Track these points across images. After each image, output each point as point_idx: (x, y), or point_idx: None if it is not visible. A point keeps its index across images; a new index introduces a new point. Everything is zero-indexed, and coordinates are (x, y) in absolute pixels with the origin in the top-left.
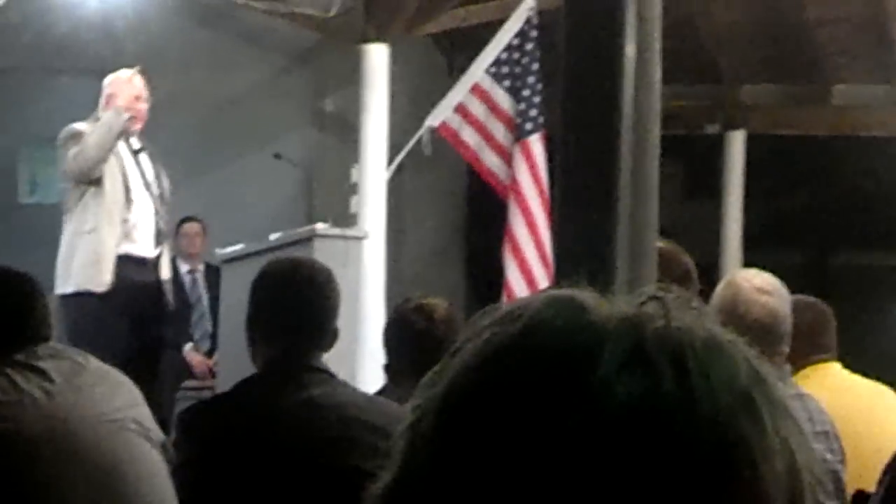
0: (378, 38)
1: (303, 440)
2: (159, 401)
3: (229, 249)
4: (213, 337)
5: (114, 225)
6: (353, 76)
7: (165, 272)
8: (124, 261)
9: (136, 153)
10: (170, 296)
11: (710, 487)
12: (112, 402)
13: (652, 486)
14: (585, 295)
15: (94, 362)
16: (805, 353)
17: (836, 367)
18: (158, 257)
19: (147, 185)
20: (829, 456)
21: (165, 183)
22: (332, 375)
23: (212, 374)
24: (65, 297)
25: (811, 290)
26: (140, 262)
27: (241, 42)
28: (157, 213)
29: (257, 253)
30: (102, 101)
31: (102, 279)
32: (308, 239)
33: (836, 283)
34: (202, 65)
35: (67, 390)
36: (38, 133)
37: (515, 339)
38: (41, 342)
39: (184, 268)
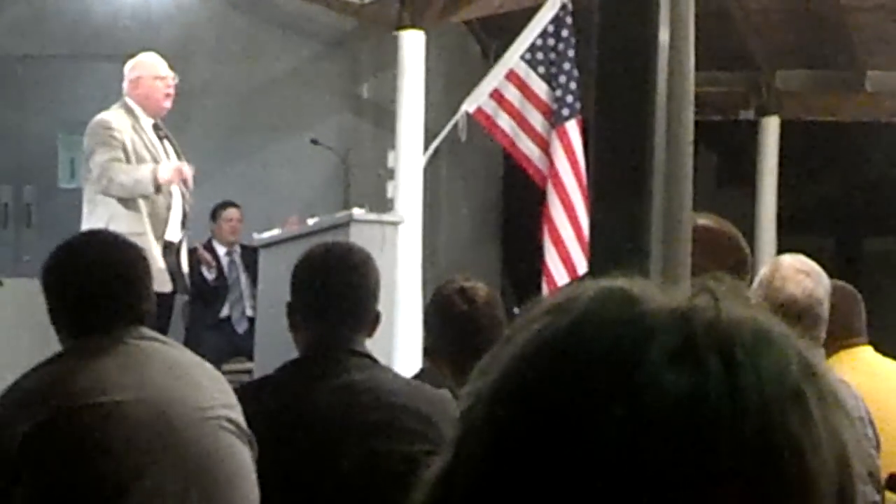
0: (413, 25)
1: (344, 424)
2: None
3: (267, 234)
4: (251, 319)
5: (159, 222)
6: (389, 62)
7: (184, 255)
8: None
9: (161, 138)
10: (186, 279)
11: (757, 481)
12: (211, 398)
13: (698, 479)
14: (636, 286)
15: (193, 355)
16: (837, 336)
17: (868, 351)
18: (181, 241)
19: None
20: (862, 438)
21: (188, 169)
22: (374, 360)
23: (250, 355)
24: None
25: (845, 275)
26: (170, 245)
27: (277, 28)
28: (183, 197)
29: (295, 238)
30: (126, 84)
31: (166, 283)
32: (345, 224)
33: (869, 267)
34: (238, 51)
35: (171, 379)
36: (76, 119)
37: (566, 331)
38: (144, 321)
39: (221, 250)
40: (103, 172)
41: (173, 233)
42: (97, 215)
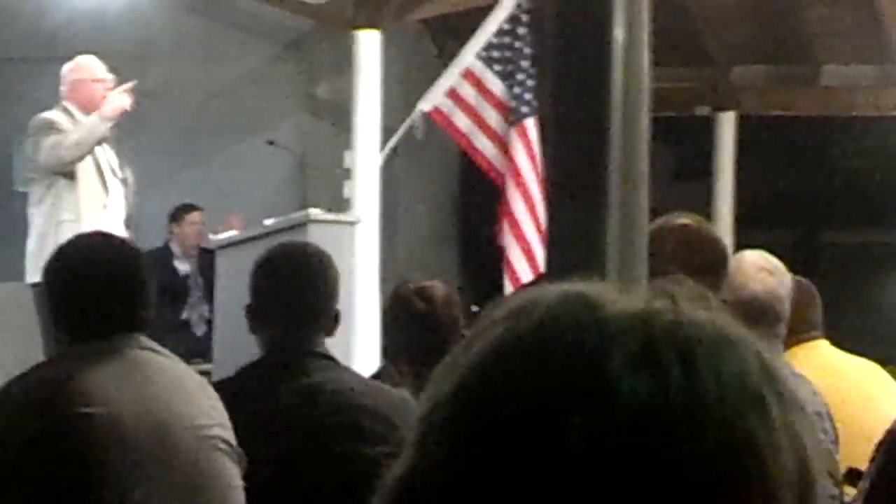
0: (369, 25)
1: (306, 426)
2: None
3: (223, 235)
4: (209, 321)
5: (96, 214)
6: (345, 62)
7: None
8: None
9: (99, 142)
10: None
11: (717, 486)
12: (207, 416)
13: (659, 484)
14: (595, 289)
15: (189, 369)
16: (794, 330)
17: (824, 345)
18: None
19: (114, 172)
20: (821, 436)
21: (128, 169)
22: (334, 361)
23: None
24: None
25: (802, 269)
26: None
27: (233, 30)
28: (125, 198)
29: (252, 239)
30: (65, 88)
31: None
32: (302, 224)
33: (826, 260)
34: (194, 53)
35: (169, 394)
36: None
37: (526, 337)
38: (144, 330)
39: (178, 252)
40: (54, 148)
41: (119, 233)
42: (44, 204)
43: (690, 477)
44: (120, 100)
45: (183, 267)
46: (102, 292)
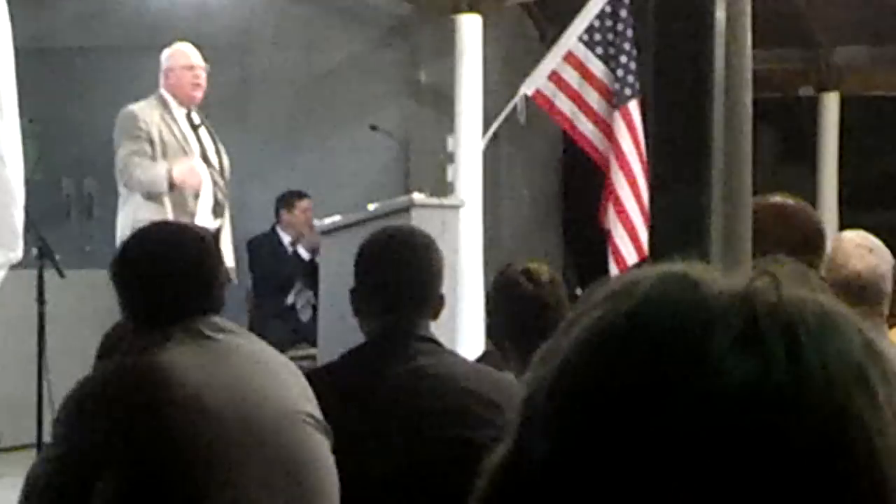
0: (471, 9)
1: (410, 410)
2: None
3: (328, 221)
4: (315, 306)
5: (185, 205)
6: (446, 47)
7: (226, 244)
8: None
9: (195, 127)
10: (228, 267)
11: (825, 465)
12: (293, 394)
13: (766, 464)
14: (697, 270)
15: (271, 349)
16: None
17: None
18: (219, 230)
19: (207, 159)
20: None
21: (225, 158)
22: (439, 345)
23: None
24: None
25: None
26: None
27: (335, 16)
28: (215, 185)
29: (356, 224)
30: (161, 75)
31: None
32: (405, 209)
33: None
34: (297, 40)
35: (253, 375)
36: None
37: (628, 316)
38: (217, 312)
39: (286, 239)
40: (124, 167)
41: (203, 221)
42: (127, 205)
43: (796, 456)
44: (193, 178)
45: (292, 252)
46: (168, 277)
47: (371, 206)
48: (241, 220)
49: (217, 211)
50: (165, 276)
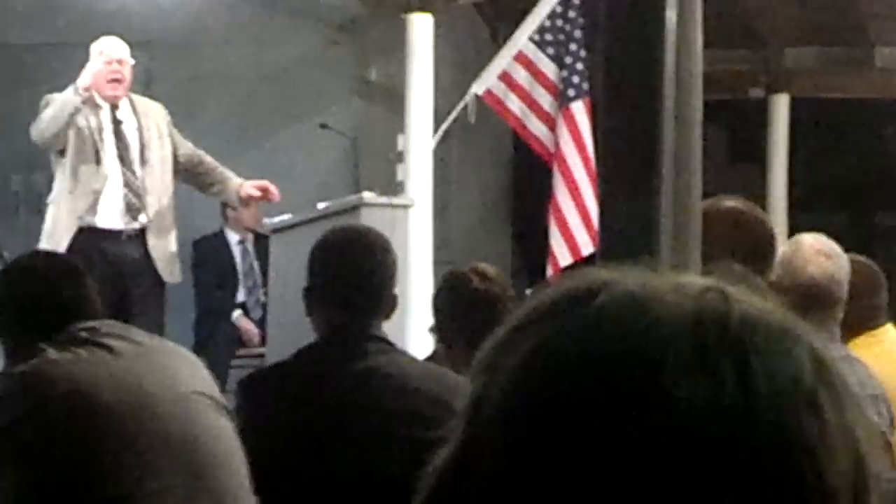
0: (422, 8)
1: (362, 409)
2: (214, 369)
3: (277, 219)
4: (265, 305)
5: (76, 196)
6: (397, 46)
7: (156, 247)
8: (91, 233)
9: (117, 123)
10: (164, 266)
11: (775, 493)
12: (182, 376)
13: (714, 488)
14: (645, 286)
15: (158, 339)
16: (860, 318)
17: (891, 331)
18: (143, 230)
19: (122, 157)
20: (876, 419)
21: (155, 155)
22: (391, 345)
23: (262, 341)
24: None
25: (856, 252)
26: (109, 234)
27: (286, 14)
28: (127, 186)
29: (305, 222)
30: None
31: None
32: (355, 207)
33: (882, 243)
34: (247, 37)
35: (136, 362)
36: None
37: (576, 341)
38: (92, 317)
39: (233, 238)
40: (37, 122)
41: (111, 220)
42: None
43: (745, 481)
44: (92, 66)
45: (238, 252)
46: (43, 293)
47: (321, 205)
48: (191, 219)
49: (131, 212)
50: (26, 296)
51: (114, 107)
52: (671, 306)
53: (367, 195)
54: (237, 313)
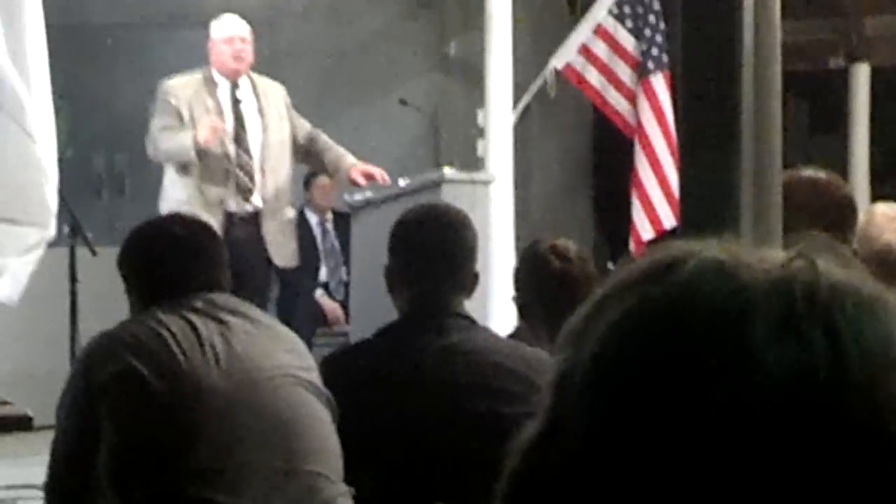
0: None
1: (444, 386)
2: None
3: (358, 196)
4: (347, 284)
5: (212, 190)
6: (476, 20)
7: (267, 226)
8: (228, 219)
9: (237, 102)
10: (276, 249)
11: (862, 455)
12: (290, 361)
13: (803, 453)
14: (732, 252)
15: (272, 321)
16: None
17: None
18: (256, 214)
19: (237, 137)
20: None
21: (274, 137)
22: (473, 321)
23: (346, 319)
24: None
25: None
26: (238, 217)
27: None
28: (241, 167)
29: (386, 199)
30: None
31: None
32: (436, 184)
33: None
34: (326, 13)
35: (249, 343)
36: None
37: (665, 307)
38: (215, 289)
39: (313, 219)
40: (151, 140)
41: (235, 204)
42: (165, 183)
43: (835, 445)
44: (214, 132)
45: (318, 233)
46: (156, 261)
47: (401, 181)
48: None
49: (243, 195)
50: (155, 260)
51: (234, 85)
52: (759, 272)
53: (448, 171)
54: (320, 293)
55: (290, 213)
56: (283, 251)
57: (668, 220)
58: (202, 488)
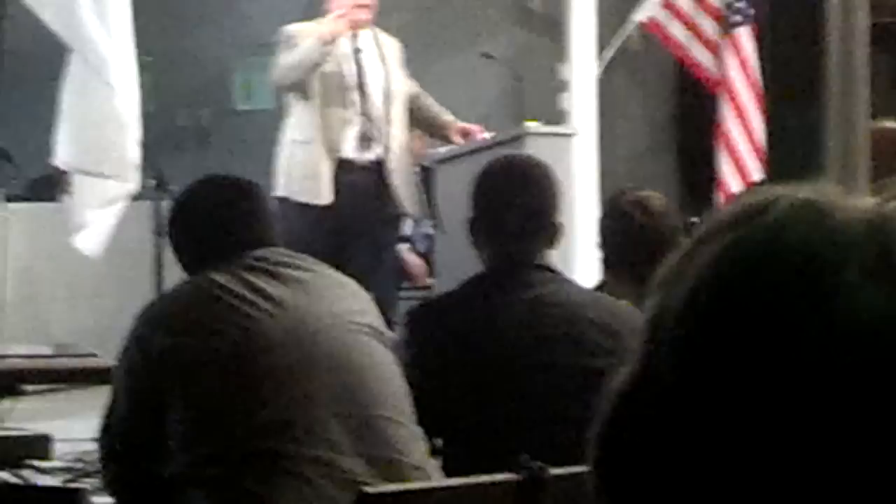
0: None
1: (530, 338)
2: (383, 301)
3: (442, 150)
4: (430, 237)
5: (331, 133)
6: None
7: (394, 176)
8: (342, 166)
9: (357, 52)
10: (400, 200)
11: None
12: (347, 307)
13: (891, 402)
14: (825, 195)
15: (325, 269)
16: None
17: None
18: (379, 163)
19: (361, 87)
20: None
21: (396, 83)
22: (557, 273)
23: (430, 274)
24: (284, 201)
25: None
26: (357, 165)
27: None
28: (364, 115)
29: (469, 153)
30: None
31: (323, 194)
32: (519, 137)
33: None
34: None
35: (303, 293)
36: (250, 40)
37: (759, 244)
38: (269, 246)
39: None
40: (276, 68)
41: (350, 150)
42: (283, 143)
43: None
44: (335, 25)
45: None
46: (215, 223)
47: (485, 135)
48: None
49: (364, 144)
50: (202, 225)
51: (354, 35)
52: (852, 212)
53: (531, 125)
54: (404, 247)
55: (412, 163)
56: (412, 200)
57: (756, 173)
58: (273, 441)
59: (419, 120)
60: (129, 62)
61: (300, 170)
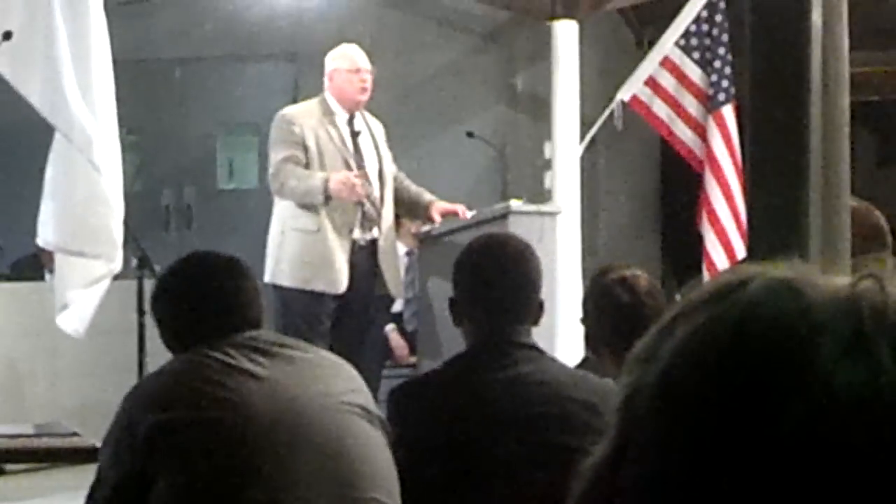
0: (567, 15)
1: (513, 417)
2: (368, 379)
3: (425, 228)
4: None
5: (344, 217)
6: (543, 53)
7: (383, 256)
8: (350, 249)
9: (355, 135)
10: (387, 280)
11: None
12: (335, 386)
13: (874, 472)
14: (800, 273)
15: (312, 348)
16: None
17: None
18: (373, 242)
19: (361, 169)
20: None
21: (386, 164)
22: (540, 351)
23: (412, 352)
24: (281, 288)
25: None
26: (358, 246)
27: (431, 23)
28: (367, 196)
29: (454, 231)
30: (325, 77)
31: (341, 282)
32: (503, 216)
33: None
34: (393, 47)
35: (290, 373)
36: (234, 120)
37: (733, 323)
38: (254, 327)
39: (401, 250)
40: (276, 173)
41: (357, 232)
42: (281, 212)
43: None
44: (350, 192)
45: (402, 264)
46: (205, 302)
47: (469, 214)
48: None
49: (367, 225)
50: (192, 304)
51: (350, 116)
52: (827, 291)
53: (515, 203)
54: (390, 327)
55: (399, 245)
56: (396, 281)
57: (742, 251)
58: None
59: (401, 200)
60: (114, 142)
61: (315, 259)
